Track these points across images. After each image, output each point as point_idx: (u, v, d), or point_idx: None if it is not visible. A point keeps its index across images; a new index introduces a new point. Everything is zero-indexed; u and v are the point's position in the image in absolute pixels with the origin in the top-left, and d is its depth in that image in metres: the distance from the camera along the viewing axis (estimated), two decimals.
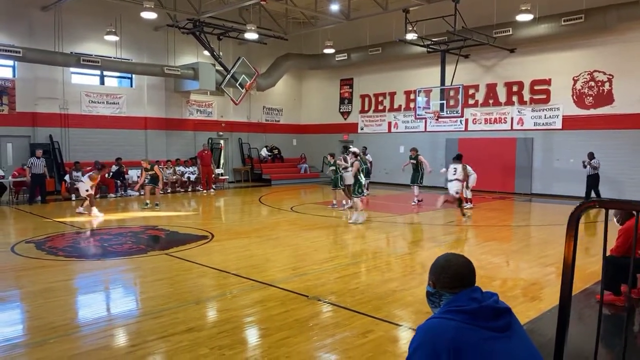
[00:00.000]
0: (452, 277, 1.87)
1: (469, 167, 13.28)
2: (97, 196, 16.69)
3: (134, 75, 19.83)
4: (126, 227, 11.24)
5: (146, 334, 4.71)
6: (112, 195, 17.12)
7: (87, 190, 12.84)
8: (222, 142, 22.77)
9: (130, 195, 17.47)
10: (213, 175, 19.86)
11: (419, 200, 14.89)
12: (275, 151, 24.41)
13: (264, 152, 24.05)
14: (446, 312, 1.76)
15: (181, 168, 19.56)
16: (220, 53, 20.18)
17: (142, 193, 15.38)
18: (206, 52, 20.15)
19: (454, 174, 12.62)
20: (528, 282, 6.74)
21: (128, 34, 18.82)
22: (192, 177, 19.48)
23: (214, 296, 6.11)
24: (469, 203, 13.59)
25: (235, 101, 20.95)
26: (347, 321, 5.12)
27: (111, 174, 17.60)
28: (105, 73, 19.12)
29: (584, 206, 2.05)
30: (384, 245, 9.65)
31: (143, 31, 19.44)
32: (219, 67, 20.30)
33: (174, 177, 19.01)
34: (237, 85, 20.57)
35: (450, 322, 1.70)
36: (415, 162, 14.85)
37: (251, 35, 18.45)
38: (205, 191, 18.94)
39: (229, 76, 20.35)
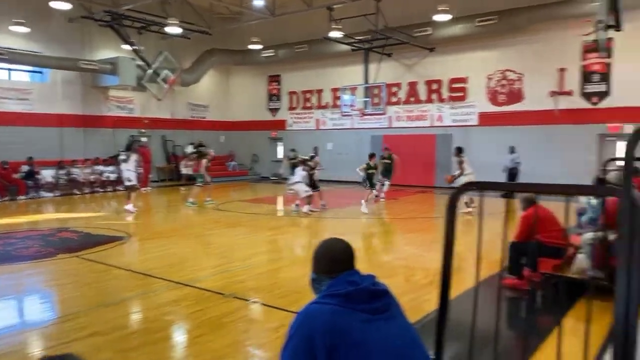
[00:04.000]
0: (330, 262, 1.88)
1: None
2: (7, 198, 15.59)
3: (47, 70, 18.60)
4: (36, 229, 10.54)
5: (46, 340, 4.43)
6: (22, 197, 15.95)
7: (305, 191, 12.00)
8: (144, 139, 21.89)
9: (42, 197, 16.38)
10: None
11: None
12: (202, 148, 23.74)
13: (189, 149, 23.38)
14: (324, 297, 1.77)
15: (100, 167, 18.62)
16: (142, 47, 19.41)
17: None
18: (126, 46, 19.30)
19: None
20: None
21: (39, 25, 17.60)
22: (112, 177, 18.55)
23: (126, 298, 5.84)
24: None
25: (158, 97, 20.25)
26: (263, 316, 5.09)
27: (24, 174, 16.43)
28: (13, 67, 17.82)
29: (463, 189, 2.12)
30: (307, 240, 9.68)
31: (55, 22, 18.23)
32: (140, 62, 19.51)
33: (92, 177, 18.07)
34: (159, 80, 19.89)
35: (325, 306, 1.71)
36: (389, 161, 15.10)
37: (173, 30, 17.89)
38: (144, 189, 18.08)
39: (150, 71, 19.63)
